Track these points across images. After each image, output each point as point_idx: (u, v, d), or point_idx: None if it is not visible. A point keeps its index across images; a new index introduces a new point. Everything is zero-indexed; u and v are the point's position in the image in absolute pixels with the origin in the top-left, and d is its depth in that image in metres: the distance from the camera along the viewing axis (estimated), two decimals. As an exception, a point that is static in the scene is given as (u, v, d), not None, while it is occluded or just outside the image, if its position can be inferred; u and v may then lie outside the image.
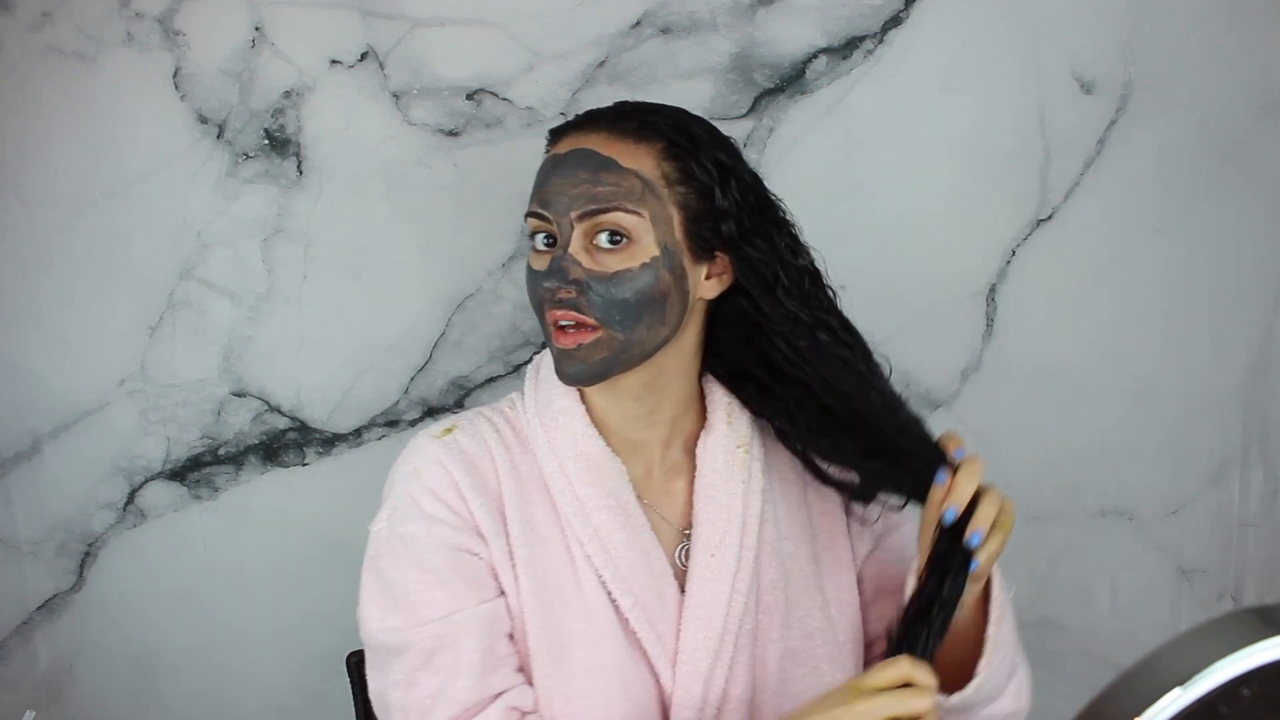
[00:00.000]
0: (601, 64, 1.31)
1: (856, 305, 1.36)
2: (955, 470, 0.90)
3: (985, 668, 0.92)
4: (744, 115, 1.34)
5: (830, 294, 0.99)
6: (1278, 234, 1.44)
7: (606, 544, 0.94)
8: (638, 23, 1.31)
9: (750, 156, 1.33)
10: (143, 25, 1.28)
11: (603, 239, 0.90)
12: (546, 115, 1.31)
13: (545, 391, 0.99)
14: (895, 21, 1.34)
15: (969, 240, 1.40)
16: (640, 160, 0.91)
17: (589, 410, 0.98)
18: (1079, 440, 1.45)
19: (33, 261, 1.31)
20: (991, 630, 0.93)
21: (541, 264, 0.92)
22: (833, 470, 1.02)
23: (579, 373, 0.91)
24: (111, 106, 1.28)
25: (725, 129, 1.32)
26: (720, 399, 1.01)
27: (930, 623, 0.87)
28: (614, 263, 0.90)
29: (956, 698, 0.93)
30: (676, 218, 0.92)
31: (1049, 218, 1.40)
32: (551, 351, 0.93)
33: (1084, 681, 1.47)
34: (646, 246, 0.90)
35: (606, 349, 0.90)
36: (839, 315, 0.98)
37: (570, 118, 0.97)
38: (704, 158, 0.93)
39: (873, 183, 1.37)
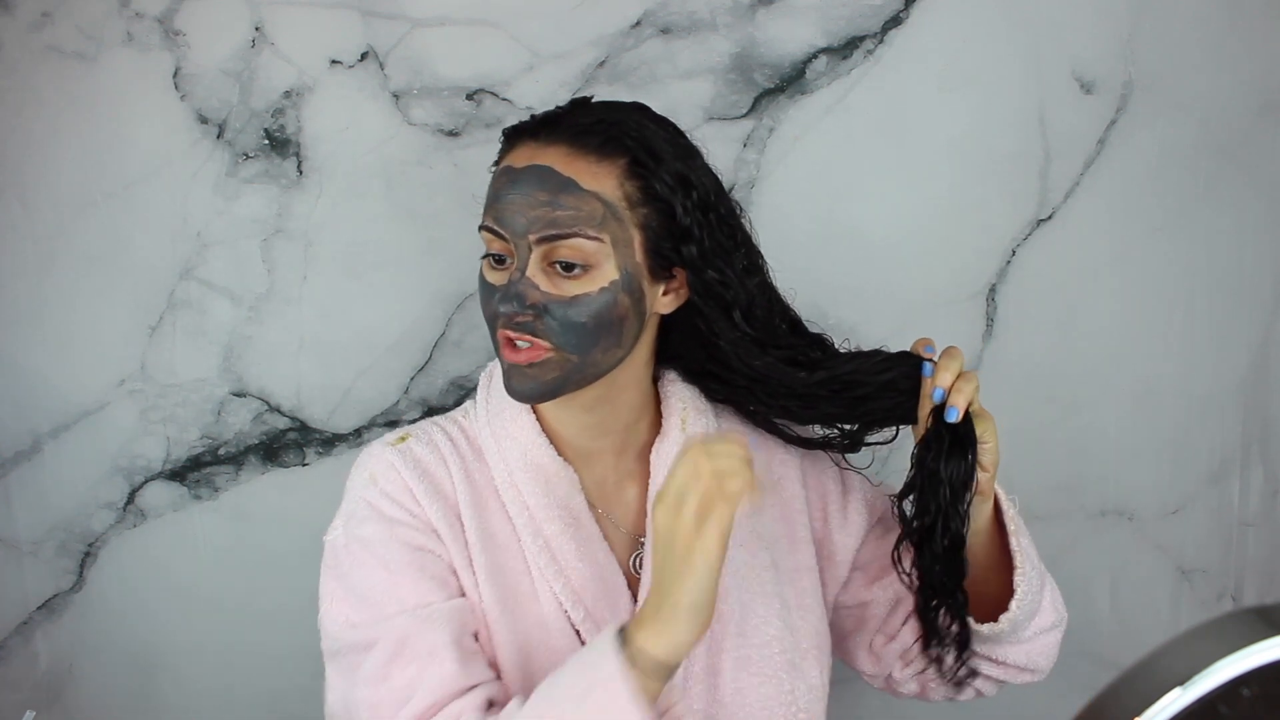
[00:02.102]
0: (601, 64, 1.31)
1: (857, 305, 1.37)
2: (936, 363, 0.92)
3: (1021, 580, 0.93)
4: (744, 115, 1.34)
5: (784, 306, 0.97)
6: (1278, 234, 1.44)
7: (557, 555, 0.93)
8: (638, 23, 1.31)
9: (750, 156, 1.33)
10: (143, 25, 1.28)
11: (561, 263, 0.87)
12: (546, 115, 1.31)
13: (496, 400, 0.98)
14: (895, 21, 1.34)
15: (969, 240, 1.40)
16: (602, 181, 0.88)
17: (540, 419, 0.97)
18: (1079, 440, 1.45)
19: (33, 261, 1.31)
20: (1014, 542, 0.94)
21: (497, 280, 0.90)
22: (813, 431, 1.03)
23: (529, 390, 0.90)
24: (111, 106, 1.28)
25: (725, 129, 1.33)
26: (676, 403, 1.00)
27: (939, 499, 0.89)
28: (572, 287, 0.87)
29: (1005, 619, 0.94)
30: (637, 239, 0.89)
31: (1049, 218, 1.40)
32: (501, 365, 0.92)
33: (1084, 681, 1.47)
34: (606, 271, 0.88)
35: (559, 369, 0.89)
36: (792, 325, 0.97)
37: (528, 118, 0.94)
38: (666, 174, 0.89)
39: (873, 183, 1.37)
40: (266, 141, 1.30)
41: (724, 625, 0.97)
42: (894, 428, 0.99)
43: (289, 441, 1.36)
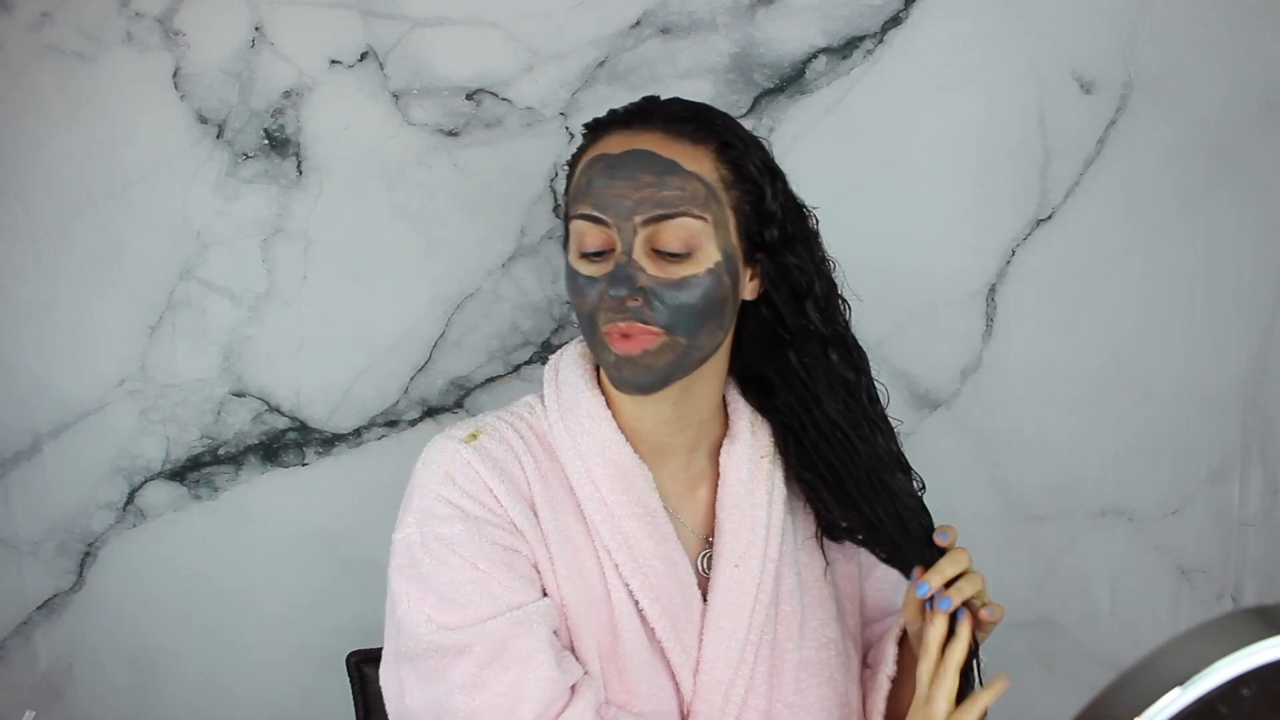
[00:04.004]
0: (601, 64, 1.31)
1: (856, 305, 1.36)
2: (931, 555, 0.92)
3: None
4: (744, 115, 1.34)
5: (845, 310, 0.98)
6: (1278, 234, 1.44)
7: (635, 552, 0.92)
8: (637, 23, 1.31)
9: (750, 156, 1.33)
10: (143, 25, 1.28)
11: (668, 243, 0.87)
12: (546, 115, 1.31)
13: (569, 395, 0.96)
14: (895, 21, 1.34)
15: (969, 240, 1.40)
16: (700, 163, 0.89)
17: (616, 416, 0.96)
18: (1079, 440, 1.45)
19: (33, 261, 1.31)
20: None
21: (595, 270, 0.89)
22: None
23: (642, 380, 0.88)
24: (111, 106, 1.29)
25: (725, 129, 1.33)
26: (743, 406, 1.00)
27: None
28: (679, 269, 0.87)
29: None
30: (732, 221, 0.90)
31: (1049, 218, 1.40)
32: (603, 358, 0.90)
33: (1084, 681, 1.47)
34: (710, 252, 0.88)
35: (671, 354, 0.88)
36: (852, 336, 0.98)
37: (605, 113, 0.94)
38: (754, 159, 0.91)
39: (873, 183, 1.37)
40: (266, 141, 1.30)
41: (788, 627, 0.97)
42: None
43: (289, 441, 1.36)
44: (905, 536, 0.93)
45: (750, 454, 0.98)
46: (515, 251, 1.34)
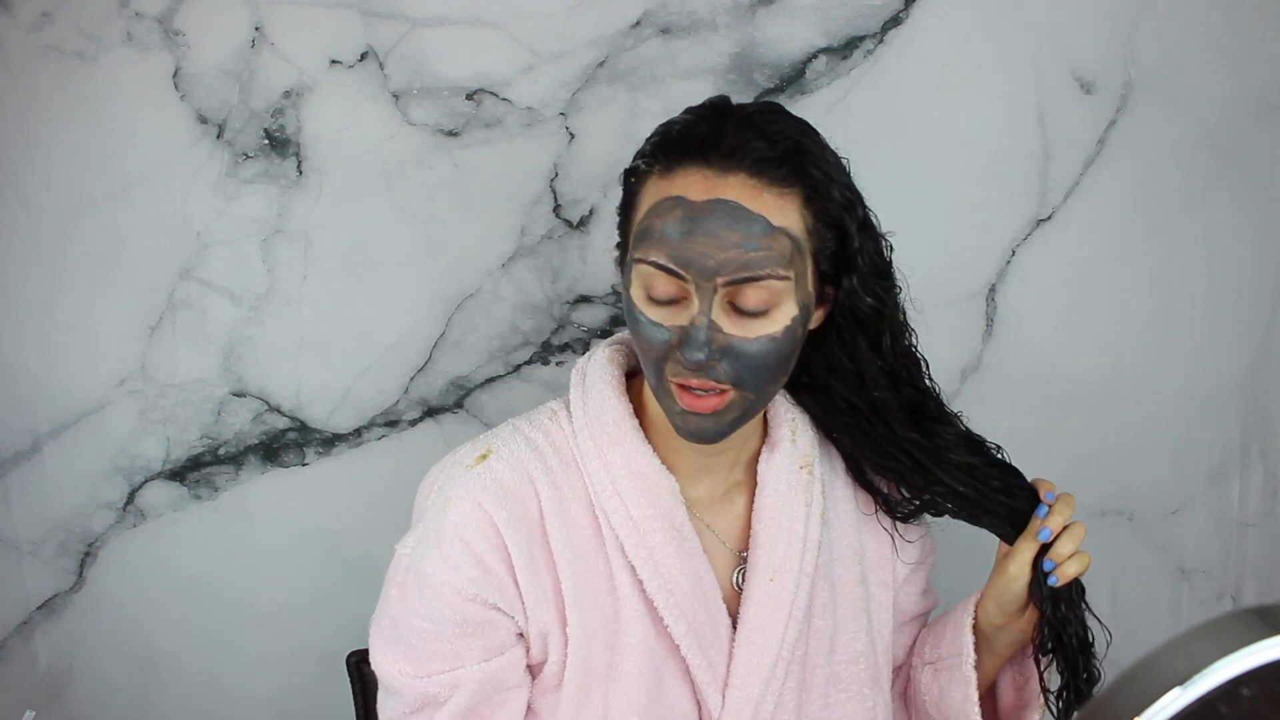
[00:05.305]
0: (601, 64, 1.31)
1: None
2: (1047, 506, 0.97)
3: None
4: (744, 115, 1.33)
5: (911, 336, 0.96)
6: (1278, 234, 1.44)
7: (660, 567, 0.89)
8: (637, 23, 1.31)
9: (750, 156, 1.33)
10: (143, 25, 1.28)
11: (748, 303, 0.82)
12: (546, 115, 1.31)
13: (595, 402, 0.92)
14: (895, 21, 1.34)
15: (969, 240, 1.40)
16: (787, 215, 0.83)
17: (647, 426, 0.93)
18: (1079, 440, 1.45)
19: (33, 261, 1.31)
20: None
21: (664, 318, 0.84)
22: (878, 480, 1.01)
23: (707, 433, 0.86)
24: (111, 106, 1.28)
25: (725, 129, 1.33)
26: (784, 414, 0.97)
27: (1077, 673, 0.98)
28: (757, 327, 0.83)
29: None
30: (810, 267, 0.86)
31: (1049, 218, 1.40)
32: (667, 406, 0.87)
33: (1084, 681, 1.47)
34: (788, 308, 0.84)
35: (739, 410, 0.85)
36: (918, 363, 0.96)
37: (674, 128, 0.89)
38: (838, 194, 0.87)
39: (872, 183, 1.36)
40: (266, 141, 1.30)
41: (819, 641, 0.96)
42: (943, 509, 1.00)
43: (289, 441, 1.36)
44: (1013, 498, 0.97)
45: (789, 464, 0.95)
46: (515, 251, 1.34)
